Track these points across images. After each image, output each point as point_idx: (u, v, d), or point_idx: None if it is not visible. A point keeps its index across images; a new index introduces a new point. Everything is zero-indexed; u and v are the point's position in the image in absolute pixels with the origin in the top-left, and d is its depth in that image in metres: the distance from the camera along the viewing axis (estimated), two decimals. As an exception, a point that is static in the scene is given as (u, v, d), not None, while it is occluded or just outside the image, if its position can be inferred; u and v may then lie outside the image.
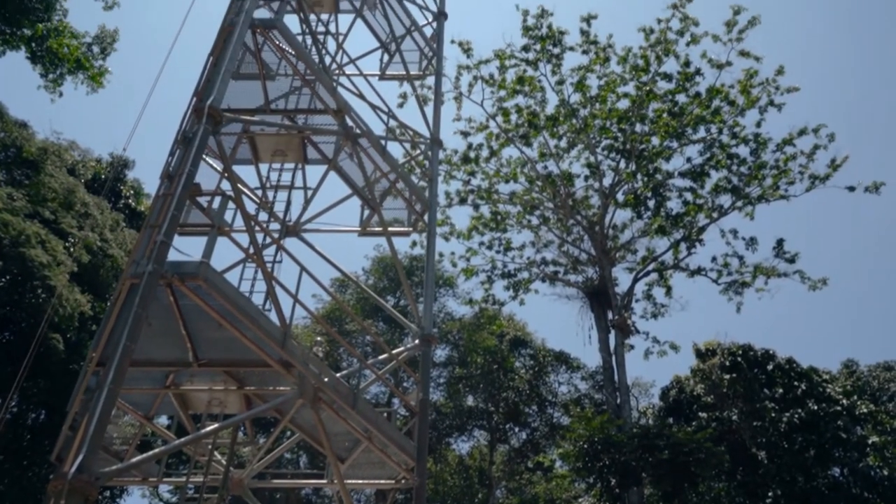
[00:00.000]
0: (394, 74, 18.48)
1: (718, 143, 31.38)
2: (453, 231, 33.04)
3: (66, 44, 31.12)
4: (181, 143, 10.67)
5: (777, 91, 30.86)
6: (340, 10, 17.67)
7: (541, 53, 32.30)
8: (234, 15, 12.30)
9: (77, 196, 27.78)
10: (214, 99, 10.32)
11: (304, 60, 12.97)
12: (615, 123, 32.03)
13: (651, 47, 31.89)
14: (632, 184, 32.07)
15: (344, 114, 13.30)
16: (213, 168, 13.88)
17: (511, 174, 32.98)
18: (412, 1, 18.51)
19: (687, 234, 31.13)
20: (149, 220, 9.50)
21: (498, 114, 32.59)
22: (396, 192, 15.21)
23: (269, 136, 14.11)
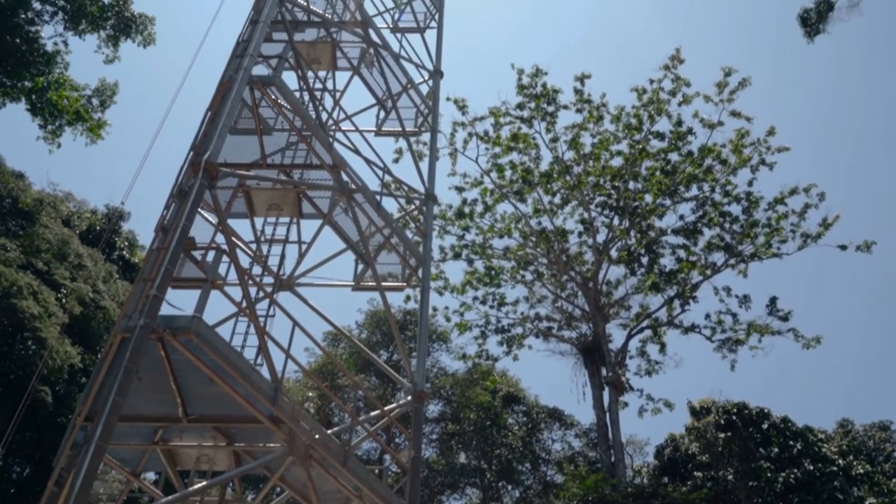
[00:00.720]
0: (390, 131, 18.69)
1: (711, 202, 31.66)
2: (447, 285, 33.04)
3: (66, 96, 31.48)
4: (177, 196, 10.73)
5: (768, 151, 31.28)
6: (338, 68, 17.95)
7: (535, 111, 32.74)
8: (234, 71, 12.49)
9: (71, 247, 27.78)
10: (211, 154, 10.41)
11: (300, 116, 13.13)
12: (609, 181, 32.33)
13: (644, 107, 32.38)
14: (625, 240, 32.22)
15: (340, 169, 13.41)
16: (208, 221, 13.93)
17: (505, 229, 33.13)
18: (408, 59, 18.81)
19: (680, 291, 31.18)
20: (142, 273, 9.49)
21: (492, 170, 32.89)
22: (391, 247, 15.26)
23: (265, 191, 14.21)
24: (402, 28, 21.14)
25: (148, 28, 33.32)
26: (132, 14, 32.83)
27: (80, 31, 32.30)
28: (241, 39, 14.02)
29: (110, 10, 32.56)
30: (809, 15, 20.72)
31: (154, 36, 33.47)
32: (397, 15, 21.52)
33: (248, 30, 14.17)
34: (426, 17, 21.52)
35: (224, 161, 12.99)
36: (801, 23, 20.59)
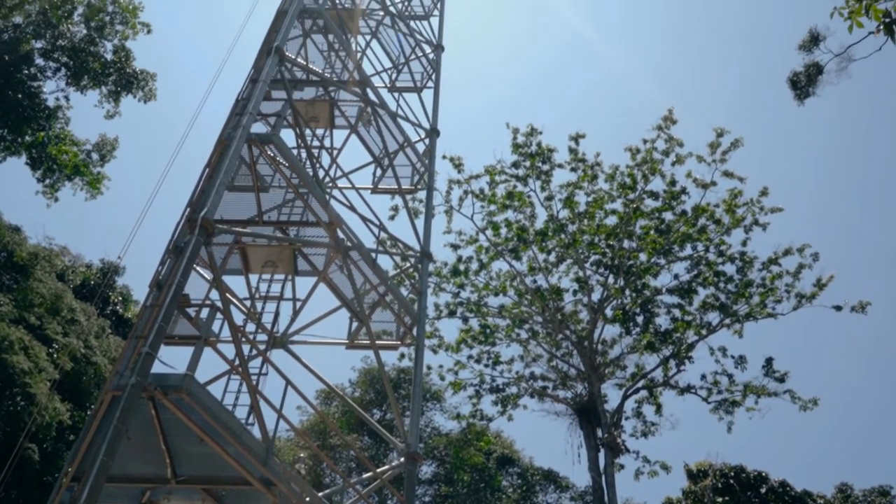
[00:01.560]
0: (386, 188, 18.80)
1: (705, 261, 31.74)
2: (442, 343, 32.83)
3: (65, 150, 31.75)
4: (172, 252, 10.72)
5: (761, 211, 31.48)
6: (336, 126, 18.15)
7: (530, 170, 33.01)
8: (232, 129, 12.60)
9: (64, 302, 27.65)
10: (208, 211, 10.42)
11: (298, 174, 13.21)
12: (603, 239, 32.45)
13: (637, 166, 32.67)
14: (620, 299, 32.19)
15: (336, 227, 13.44)
16: (203, 277, 13.89)
17: (500, 287, 33.08)
18: (405, 118, 19.03)
19: (676, 350, 31.04)
20: (135, 330, 9.42)
21: (488, 227, 33.00)
22: (385, 305, 15.20)
23: (261, 248, 14.20)
24: (400, 88, 21.46)
25: (149, 84, 33.80)
26: (133, 70, 33.32)
27: (81, 87, 32.75)
28: (241, 97, 14.20)
29: (112, 67, 33.06)
30: (799, 78, 21.06)
31: (155, 91, 33.94)
32: (395, 75, 21.88)
33: (247, 88, 14.35)
34: (423, 77, 21.85)
35: (220, 217, 13.02)
36: (791, 86, 20.93)
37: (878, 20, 8.02)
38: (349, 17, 19.73)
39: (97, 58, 32.47)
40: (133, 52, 33.46)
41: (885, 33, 7.96)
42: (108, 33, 33.13)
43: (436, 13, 24.10)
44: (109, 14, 32.98)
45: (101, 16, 32.62)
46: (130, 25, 33.36)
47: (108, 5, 32.95)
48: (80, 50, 31.88)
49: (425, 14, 23.95)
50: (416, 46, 21.82)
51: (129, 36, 33.50)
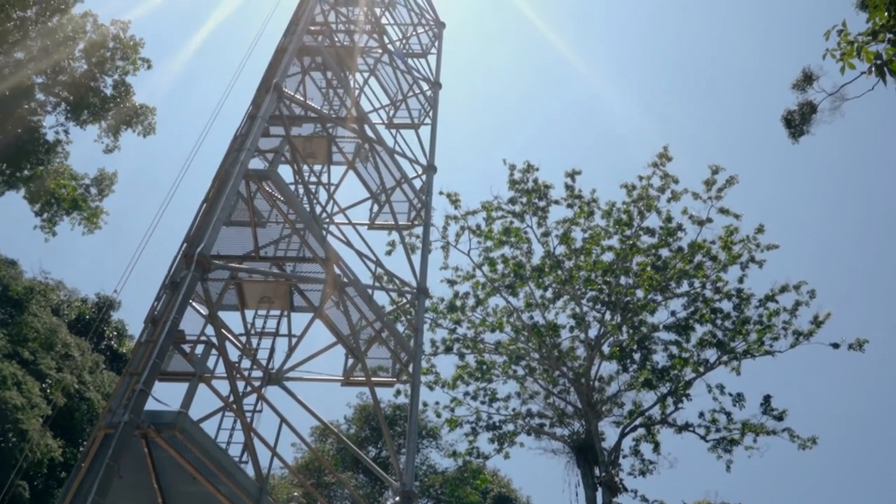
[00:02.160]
0: (383, 224, 18.84)
1: (702, 298, 31.72)
2: (438, 380, 32.64)
3: (64, 184, 31.80)
4: (168, 287, 10.70)
5: (757, 248, 31.55)
6: (333, 162, 18.23)
7: (527, 206, 33.12)
8: (230, 165, 12.66)
9: (59, 337, 27.52)
10: (205, 247, 10.43)
11: (295, 210, 13.24)
12: (600, 276, 32.45)
13: (633, 202, 32.80)
14: (617, 336, 32.09)
15: (332, 263, 13.44)
16: (199, 313, 13.85)
17: (497, 324, 32.99)
18: (403, 155, 19.14)
19: (674, 388, 30.88)
20: (130, 366, 9.36)
21: (484, 263, 33.01)
22: (381, 341, 15.15)
23: (257, 283, 14.18)
24: (398, 124, 21.65)
25: (149, 118, 33.95)
26: (133, 105, 33.50)
27: (81, 122, 32.87)
28: (239, 133, 14.30)
29: (112, 102, 33.23)
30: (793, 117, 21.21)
31: (154, 126, 34.07)
32: (392, 112, 22.06)
33: (245, 124, 14.46)
34: (421, 113, 22.04)
35: (217, 253, 13.02)
36: (786, 124, 21.06)
37: (869, 62, 8.13)
38: (348, 55, 19.93)
39: (97, 93, 32.66)
40: (133, 87, 33.68)
41: (877, 74, 8.06)
42: (109, 69, 33.35)
43: (433, 51, 24.40)
44: (110, 50, 33.24)
45: (102, 51, 32.88)
46: (131, 61, 33.61)
47: (109, 41, 33.24)
48: (80, 85, 32.07)
49: (423, 52, 24.24)
50: (413, 84, 22.04)
51: (129, 71, 33.73)
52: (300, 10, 18.69)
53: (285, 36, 17.88)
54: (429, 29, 24.72)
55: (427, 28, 24.71)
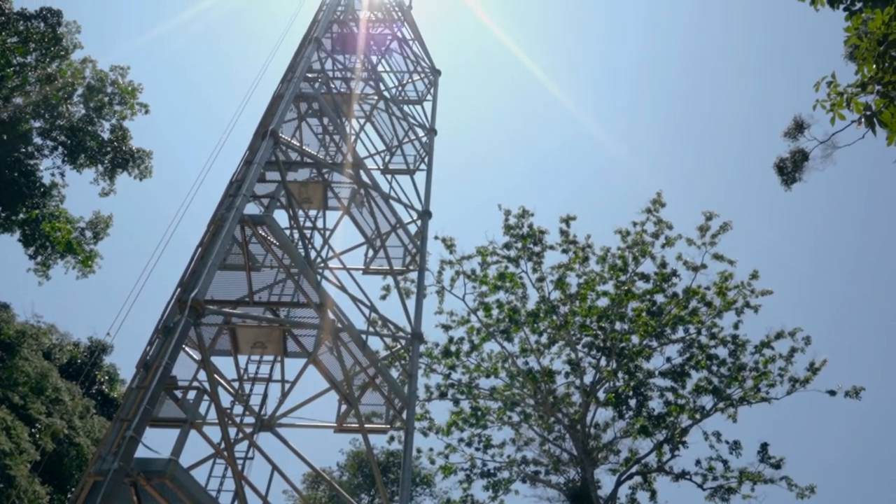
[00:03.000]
0: (378, 269, 18.84)
1: (697, 344, 31.64)
2: (432, 426, 32.34)
3: (59, 227, 31.84)
4: (161, 332, 10.65)
5: (752, 294, 31.58)
6: (329, 207, 18.31)
7: (522, 251, 33.18)
8: (226, 210, 12.69)
9: (49, 381, 27.27)
10: (199, 292, 10.41)
11: (289, 254, 13.25)
12: (595, 321, 32.38)
13: (628, 248, 32.89)
14: (613, 382, 31.92)
15: (327, 308, 13.41)
16: (191, 358, 13.75)
17: (492, 369, 32.81)
18: (398, 200, 19.22)
19: (670, 435, 30.62)
20: (120, 412, 9.26)
21: (479, 308, 32.94)
22: (375, 387, 15.03)
23: (251, 328, 14.12)
24: (393, 170, 21.79)
25: (145, 162, 34.17)
26: (130, 149, 33.72)
27: (78, 165, 33.05)
28: (235, 179, 14.36)
29: (109, 146, 33.46)
30: (785, 164, 21.44)
31: (151, 169, 34.29)
32: (388, 157, 22.22)
33: (242, 170, 14.52)
34: (416, 159, 22.20)
35: (211, 297, 12.99)
36: (778, 172, 21.29)
37: (859, 112, 8.25)
38: (344, 102, 20.15)
39: (94, 137, 32.90)
40: (130, 131, 33.95)
41: (867, 125, 8.18)
42: (107, 113, 33.67)
43: (429, 98, 24.67)
44: (108, 95, 33.59)
45: (100, 96, 33.21)
46: (129, 106, 33.95)
47: (107, 86, 33.59)
48: (78, 129, 32.33)
49: (419, 99, 24.51)
50: (409, 130, 22.25)
51: (127, 116, 34.07)
52: (298, 58, 18.95)
53: (282, 82, 18.09)
54: (424, 76, 25.02)
55: (423, 75, 25.02)
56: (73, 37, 32.44)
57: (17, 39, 30.65)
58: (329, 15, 21.01)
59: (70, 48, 32.27)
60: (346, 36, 22.38)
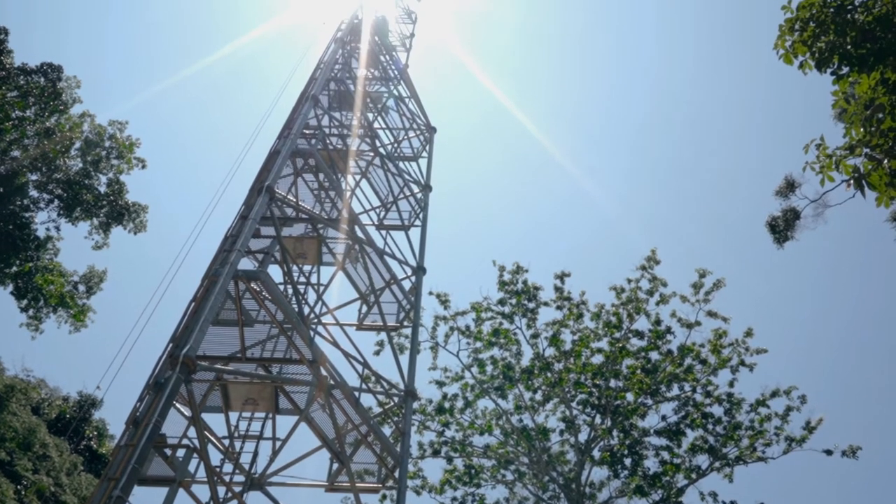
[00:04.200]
0: (371, 325, 18.79)
1: (693, 402, 31.41)
2: (425, 484, 31.82)
3: (52, 280, 31.75)
4: (152, 388, 10.54)
5: (747, 352, 31.49)
6: (323, 263, 18.33)
7: (516, 307, 33.12)
8: (220, 265, 12.69)
9: (37, 437, 26.86)
10: (191, 348, 10.34)
11: (283, 310, 13.20)
12: (590, 378, 32.18)
13: (623, 305, 32.86)
14: (608, 440, 31.57)
15: (319, 365, 13.32)
16: (182, 414, 13.60)
17: (486, 426, 32.45)
18: (392, 256, 19.26)
19: (666, 495, 30.17)
20: (108, 470, 9.12)
21: (473, 365, 32.73)
22: (367, 445, 14.85)
23: (242, 385, 14.00)
24: (388, 226, 21.89)
25: (140, 216, 34.26)
26: (126, 203, 33.84)
27: (73, 219, 33.11)
28: (230, 234, 14.39)
29: (105, 199, 33.59)
30: (777, 223, 21.54)
31: (146, 223, 34.38)
32: (383, 213, 22.34)
33: (237, 225, 14.57)
34: (411, 215, 22.33)
35: (203, 353, 12.90)
36: (770, 230, 21.37)
37: (848, 175, 8.37)
38: (340, 158, 20.34)
39: (91, 190, 33.05)
40: (126, 185, 34.15)
41: (856, 187, 8.28)
42: (104, 167, 33.89)
43: (424, 155, 24.92)
44: (106, 149, 33.85)
45: (98, 150, 33.47)
46: (126, 160, 34.20)
47: (105, 140, 33.88)
48: (75, 183, 32.50)
49: (414, 156, 24.76)
50: (404, 186, 22.41)
51: (124, 170, 34.30)
52: (295, 114, 19.18)
53: (279, 139, 18.28)
54: (420, 133, 25.31)
55: (419, 132, 25.31)
56: (72, 91, 32.85)
57: (17, 94, 31.01)
58: (327, 73, 21.33)
59: (69, 103, 32.64)
60: (343, 93, 22.69)
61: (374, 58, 25.58)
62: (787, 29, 10.63)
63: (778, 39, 10.91)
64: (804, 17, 10.25)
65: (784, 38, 10.78)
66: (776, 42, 10.86)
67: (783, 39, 10.82)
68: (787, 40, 10.71)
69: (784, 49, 11.05)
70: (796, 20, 10.49)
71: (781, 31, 10.87)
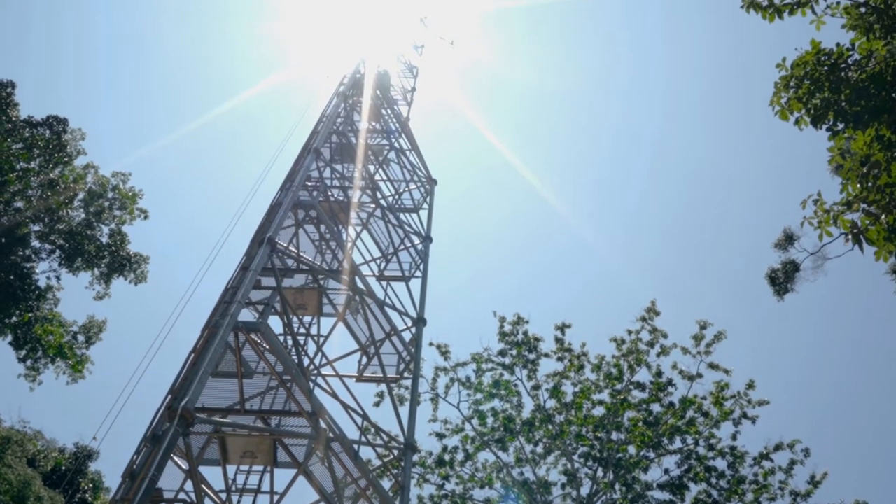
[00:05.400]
0: (371, 377, 18.70)
1: (696, 455, 31.07)
2: (425, 540, 31.33)
3: (51, 330, 31.66)
4: (149, 441, 10.46)
5: (749, 404, 31.26)
6: (324, 314, 18.33)
7: (517, 358, 32.98)
8: (220, 317, 12.69)
9: (32, 490, 26.52)
10: (189, 400, 10.29)
11: (282, 362, 13.16)
12: (591, 431, 31.89)
13: (623, 356, 32.73)
14: (610, 494, 31.14)
15: (318, 417, 13.23)
16: (179, 467, 13.46)
17: (487, 479, 32.05)
18: (392, 307, 19.26)
19: (670, 550, 29.69)
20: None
21: (474, 417, 32.47)
22: (366, 499, 14.68)
23: (241, 437, 13.88)
24: (388, 277, 21.92)
25: (141, 267, 34.29)
26: (128, 253, 33.91)
27: (74, 269, 33.14)
28: (230, 285, 14.42)
29: (106, 250, 33.67)
30: (777, 275, 21.56)
31: (147, 274, 34.40)
32: (384, 264, 22.40)
33: (238, 276, 14.60)
34: (411, 266, 22.38)
35: (201, 405, 12.82)
36: (770, 282, 21.39)
37: (846, 230, 8.44)
38: (341, 210, 20.48)
39: (93, 241, 33.16)
40: (128, 236, 34.26)
41: (854, 243, 8.35)
42: (106, 218, 34.06)
43: (425, 206, 25.09)
44: (109, 200, 34.07)
45: (101, 201, 33.67)
46: (129, 211, 34.38)
47: (108, 192, 34.11)
48: (77, 233, 32.62)
49: (415, 207, 24.92)
50: (405, 237, 22.52)
51: (126, 221, 34.45)
52: (297, 167, 19.35)
53: (281, 190, 18.42)
54: (421, 185, 25.51)
55: (419, 184, 25.51)
56: (77, 143, 33.18)
57: (23, 146, 31.33)
58: (328, 126, 21.59)
59: (74, 154, 32.94)
60: (345, 146, 22.94)
61: (376, 111, 25.91)
62: (782, 86, 10.83)
63: (773, 96, 11.11)
64: (799, 75, 10.46)
65: (779, 95, 10.98)
66: (772, 99, 11.06)
67: (779, 96, 11.02)
68: (783, 97, 10.91)
69: (780, 106, 11.23)
70: (791, 77, 10.70)
71: (777, 89, 11.06)
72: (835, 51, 10.88)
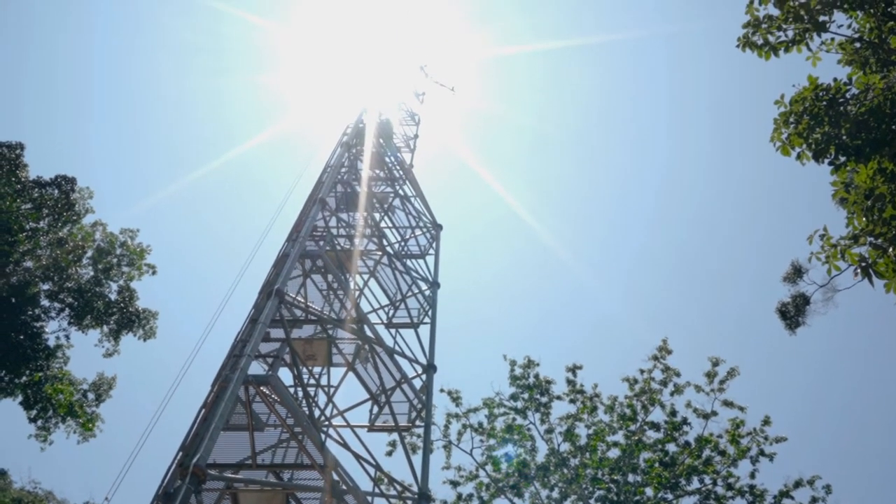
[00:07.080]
0: (382, 426, 18.53)
1: (714, 495, 30.56)
2: (442, 591, 30.74)
3: (61, 389, 31.56)
4: (161, 499, 10.36)
5: (766, 441, 30.85)
6: (333, 364, 18.24)
7: (529, 402, 32.71)
8: (230, 371, 12.64)
9: (43, 551, 26.22)
10: (200, 457, 10.21)
11: (293, 415, 13.08)
12: (607, 473, 31.45)
13: (636, 396, 32.43)
14: (629, 538, 30.61)
15: (330, 470, 13.10)
16: (190, 526, 13.29)
17: (503, 527, 31.56)
18: (402, 354, 19.16)
19: None
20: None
21: (488, 463, 32.09)
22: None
23: (253, 493, 13.74)
24: (397, 324, 21.87)
25: (150, 322, 34.31)
26: (137, 309, 33.96)
27: (83, 327, 33.16)
28: (239, 339, 14.39)
29: (115, 307, 33.73)
30: (787, 309, 21.47)
31: (156, 329, 34.39)
32: (392, 312, 22.36)
33: (246, 328, 14.59)
34: (420, 313, 22.33)
35: (213, 461, 12.71)
36: (781, 316, 21.30)
37: (854, 264, 8.42)
38: (348, 258, 20.51)
39: (102, 298, 33.24)
40: (137, 292, 34.34)
41: (863, 276, 8.31)
42: (115, 275, 34.18)
43: (431, 252, 25.11)
44: (117, 256, 34.24)
45: (109, 258, 33.84)
46: (137, 267, 34.52)
47: (116, 248, 34.31)
48: (86, 291, 32.72)
49: (421, 253, 24.94)
50: (412, 284, 22.51)
51: (134, 277, 34.57)
52: (302, 217, 19.46)
53: (287, 241, 18.49)
54: (426, 231, 25.57)
55: (425, 230, 25.57)
56: (85, 202, 33.48)
57: (31, 206, 31.62)
58: (333, 176, 21.77)
59: (82, 213, 33.22)
60: (350, 195, 23.08)
61: (379, 159, 26.13)
62: (782, 122, 10.89)
63: (774, 132, 11.18)
64: (798, 111, 10.53)
65: (780, 131, 11.04)
66: (772, 135, 11.12)
67: (779, 132, 11.08)
68: (783, 133, 10.97)
69: (780, 141, 11.29)
70: (790, 113, 10.77)
71: (777, 125, 11.13)
72: (832, 85, 10.98)
